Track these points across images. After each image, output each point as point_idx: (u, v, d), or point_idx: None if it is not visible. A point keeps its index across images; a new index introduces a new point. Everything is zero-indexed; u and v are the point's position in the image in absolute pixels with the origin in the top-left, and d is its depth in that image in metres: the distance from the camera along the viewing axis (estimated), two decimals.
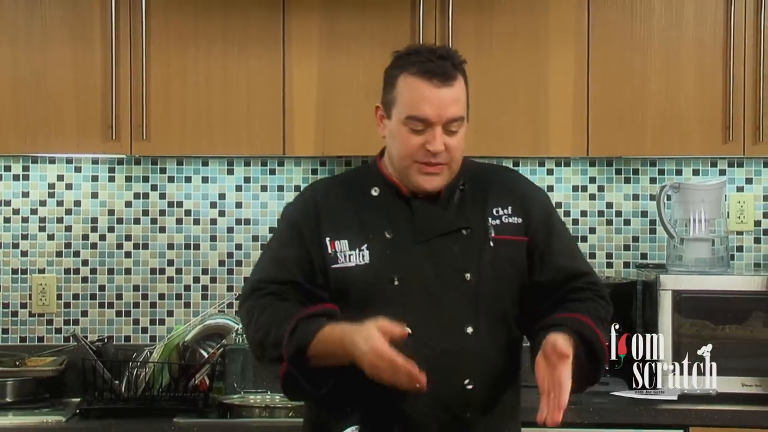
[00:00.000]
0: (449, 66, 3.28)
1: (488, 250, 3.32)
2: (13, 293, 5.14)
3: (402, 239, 3.32)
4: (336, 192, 3.44)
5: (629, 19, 4.81)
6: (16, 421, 4.55)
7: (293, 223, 3.39)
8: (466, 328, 3.27)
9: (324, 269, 3.30)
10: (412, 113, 3.24)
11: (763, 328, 4.73)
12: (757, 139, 4.78)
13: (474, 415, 3.28)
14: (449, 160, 3.28)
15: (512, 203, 3.38)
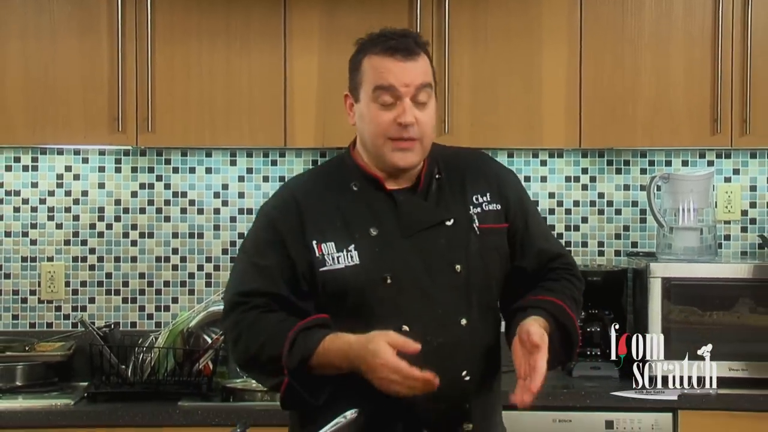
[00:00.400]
0: (411, 42, 3.21)
1: (474, 239, 3.26)
2: (22, 280, 5.15)
3: (388, 235, 3.22)
4: (316, 190, 3.30)
5: (620, 14, 4.82)
6: (26, 404, 4.56)
7: (273, 226, 3.25)
8: (460, 320, 3.22)
9: (311, 273, 3.19)
10: (378, 83, 3.16)
11: (749, 314, 4.75)
12: (744, 131, 4.80)
13: (472, 404, 3.25)
14: (421, 135, 3.18)
15: (489, 189, 3.33)
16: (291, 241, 3.19)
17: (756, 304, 4.76)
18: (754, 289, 4.77)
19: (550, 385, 4.67)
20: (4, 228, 5.15)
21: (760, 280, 4.77)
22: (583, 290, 3.41)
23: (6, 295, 5.15)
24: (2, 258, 5.15)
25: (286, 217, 3.22)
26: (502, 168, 3.46)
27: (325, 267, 3.17)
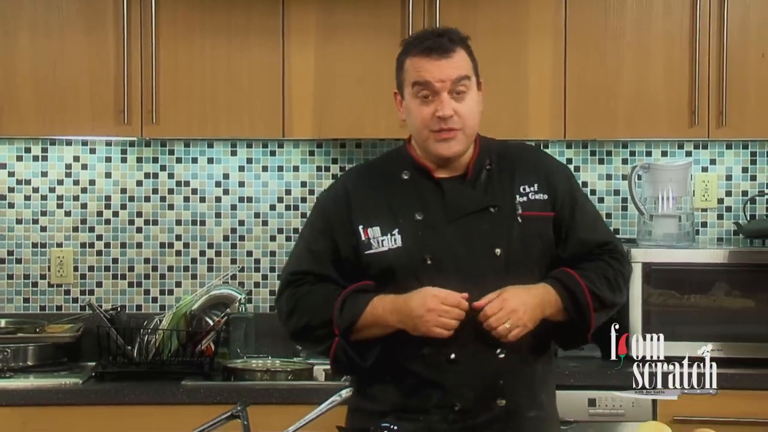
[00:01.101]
0: (446, 41, 3.26)
1: (516, 226, 3.27)
2: (33, 265, 5.15)
3: (433, 219, 3.27)
4: (367, 179, 3.39)
5: (603, 13, 4.83)
6: (37, 383, 4.56)
7: (325, 214, 3.36)
8: None
9: (355, 256, 3.27)
10: (416, 79, 3.23)
11: (725, 297, 4.78)
12: (720, 124, 4.81)
13: (506, 381, 3.25)
14: (462, 125, 3.23)
15: (538, 180, 3.33)
16: (338, 229, 3.29)
17: (731, 287, 4.78)
18: (730, 274, 4.78)
19: None
20: (15, 215, 5.14)
21: (735, 265, 4.79)
22: (627, 273, 3.40)
23: (17, 279, 5.15)
24: (14, 244, 5.14)
25: (335, 207, 3.33)
26: (556, 162, 3.50)
27: (370, 250, 3.25)
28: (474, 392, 3.23)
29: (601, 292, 3.27)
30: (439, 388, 3.23)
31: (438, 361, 3.22)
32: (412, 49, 3.28)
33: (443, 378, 3.22)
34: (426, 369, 3.23)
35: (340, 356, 3.25)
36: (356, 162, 5.14)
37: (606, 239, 3.39)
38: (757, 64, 4.82)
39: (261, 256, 5.18)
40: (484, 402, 3.23)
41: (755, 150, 5.19)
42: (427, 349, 3.22)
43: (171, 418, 4.27)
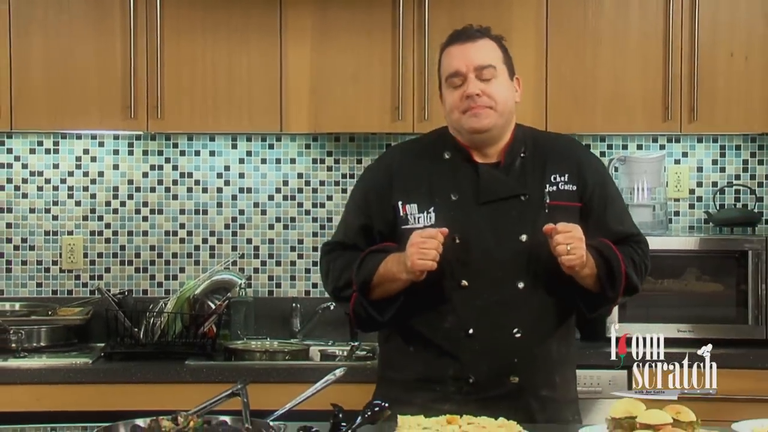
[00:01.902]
0: (473, 30, 3.34)
1: (543, 215, 3.27)
2: (45, 252, 5.16)
3: (466, 201, 3.30)
4: (411, 156, 3.43)
5: (582, 14, 4.84)
6: (49, 362, 4.57)
7: (366, 188, 3.44)
8: (517, 283, 3.27)
9: (391, 230, 3.32)
10: (447, 72, 3.30)
11: (695, 282, 4.79)
12: (692, 119, 4.82)
13: (521, 359, 3.27)
14: (492, 104, 3.25)
15: (569, 171, 3.34)
16: (375, 205, 3.37)
17: (701, 272, 4.80)
18: (700, 260, 4.80)
19: None
20: (28, 205, 5.15)
21: (705, 252, 4.81)
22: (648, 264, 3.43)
23: (30, 265, 5.16)
24: (27, 232, 5.16)
25: (377, 181, 3.40)
26: (589, 153, 3.52)
27: (407, 225, 3.30)
28: (488, 367, 3.26)
29: (629, 270, 3.31)
30: (456, 360, 3.28)
31: (457, 335, 3.26)
32: (445, 44, 3.38)
33: (460, 351, 3.27)
34: (445, 341, 3.28)
35: (359, 312, 3.34)
36: (350, 154, 5.17)
37: (632, 231, 3.41)
38: (726, 62, 4.84)
39: (260, 244, 5.20)
40: (497, 377, 3.26)
41: (724, 144, 5.21)
42: (448, 323, 3.27)
43: (175, 395, 4.28)
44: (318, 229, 5.16)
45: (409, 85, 4.81)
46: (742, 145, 5.21)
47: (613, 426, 3.03)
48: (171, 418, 2.93)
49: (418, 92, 4.79)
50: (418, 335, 3.33)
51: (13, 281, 5.17)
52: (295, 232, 5.19)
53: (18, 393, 4.44)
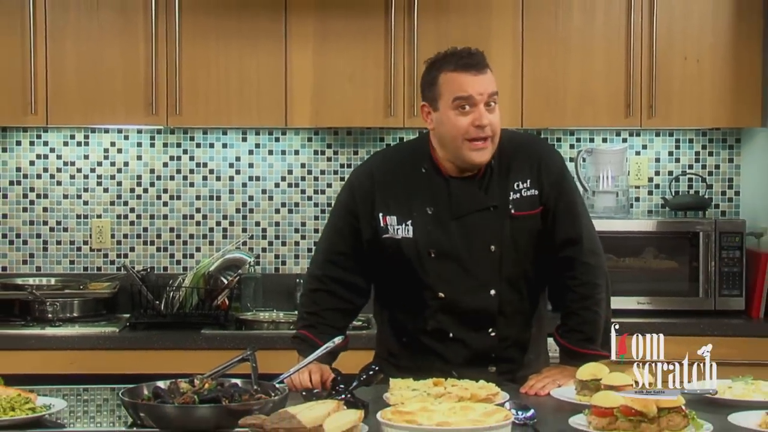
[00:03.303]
0: (479, 58, 3.19)
1: (508, 224, 3.22)
2: (77, 233, 5.16)
3: (441, 215, 3.23)
4: (391, 167, 3.31)
5: (554, 22, 4.83)
6: (81, 331, 4.60)
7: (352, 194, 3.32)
8: (490, 291, 3.24)
9: (374, 238, 3.26)
10: (458, 94, 3.12)
11: (653, 260, 4.81)
12: (650, 115, 4.83)
13: (497, 353, 3.29)
14: (493, 133, 3.16)
15: (530, 175, 3.24)
16: (362, 212, 3.28)
17: (658, 251, 4.81)
18: (657, 240, 4.82)
19: None
20: (62, 192, 5.15)
21: (661, 233, 4.83)
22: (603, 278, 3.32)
23: (64, 244, 5.16)
24: (61, 215, 5.16)
25: (362, 190, 3.29)
26: (548, 154, 3.35)
27: (387, 234, 3.25)
28: (468, 362, 3.26)
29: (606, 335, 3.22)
30: (440, 357, 3.28)
31: (439, 337, 3.27)
32: (446, 65, 3.18)
33: (444, 350, 3.28)
34: (430, 341, 3.28)
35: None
36: (347, 146, 5.17)
37: (578, 235, 3.28)
38: (681, 65, 4.84)
39: (267, 226, 5.20)
40: (477, 369, 3.23)
41: (679, 137, 5.21)
42: (430, 327, 3.27)
43: (192, 361, 4.29)
44: (319, 213, 5.17)
45: (400, 84, 4.81)
46: (695, 139, 5.22)
47: (581, 387, 3.04)
48: (188, 380, 2.94)
49: (408, 91, 4.79)
50: (407, 331, 3.33)
51: (49, 259, 5.17)
52: (298, 216, 5.20)
53: (53, 358, 4.47)
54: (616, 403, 2.70)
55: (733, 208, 5.22)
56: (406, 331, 3.33)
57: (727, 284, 4.75)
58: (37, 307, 4.74)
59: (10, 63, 4.76)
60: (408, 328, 3.32)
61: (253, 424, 2.66)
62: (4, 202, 5.16)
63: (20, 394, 2.89)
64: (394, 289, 3.33)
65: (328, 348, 3.21)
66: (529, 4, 4.83)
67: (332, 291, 3.35)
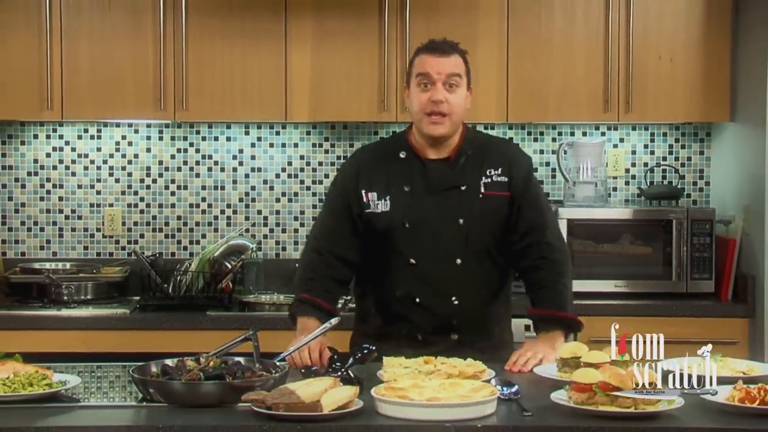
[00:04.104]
0: (446, 45, 3.35)
1: (478, 203, 3.33)
2: (90, 221, 5.16)
3: (417, 192, 3.34)
4: (374, 155, 3.47)
5: (537, 23, 4.83)
6: (95, 312, 4.61)
7: (342, 180, 3.45)
8: (456, 260, 3.32)
9: (360, 213, 3.36)
10: (419, 71, 3.30)
11: (629, 246, 4.80)
12: (627, 110, 4.82)
13: (459, 321, 3.35)
14: (450, 112, 3.27)
15: (502, 166, 3.36)
16: (350, 192, 3.39)
17: (635, 238, 4.81)
18: (633, 228, 4.82)
19: None
20: (76, 182, 5.15)
21: (637, 221, 4.83)
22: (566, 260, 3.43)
23: (78, 231, 5.16)
24: (75, 204, 5.15)
25: (349, 174, 3.42)
26: (521, 154, 3.51)
27: (369, 209, 3.36)
28: (432, 328, 3.33)
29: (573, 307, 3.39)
30: (407, 322, 3.34)
31: (407, 303, 3.33)
32: (421, 50, 3.37)
33: (410, 315, 3.34)
34: (399, 307, 3.34)
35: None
36: (344, 139, 5.17)
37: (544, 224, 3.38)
38: (655, 64, 4.84)
39: (268, 214, 5.19)
40: (440, 335, 3.33)
41: (654, 131, 5.21)
42: (399, 293, 3.34)
43: (198, 340, 4.27)
44: (317, 202, 5.16)
45: (393, 81, 4.81)
46: (668, 133, 5.22)
47: (562, 365, 3.05)
48: (194, 358, 2.95)
49: (400, 87, 4.77)
50: (378, 300, 3.40)
51: (65, 245, 5.17)
52: (297, 205, 5.19)
53: (68, 337, 4.47)
54: (594, 379, 2.71)
55: (703, 198, 5.22)
56: (378, 298, 3.41)
57: (697, 268, 4.76)
58: (54, 290, 4.75)
59: (28, 62, 4.76)
60: (380, 295, 3.40)
61: (255, 399, 2.66)
62: (23, 192, 5.15)
63: (38, 370, 2.90)
64: (371, 259, 3.41)
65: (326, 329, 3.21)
66: (513, 6, 4.82)
67: (327, 260, 3.41)
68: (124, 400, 2.92)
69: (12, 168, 5.15)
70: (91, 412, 2.78)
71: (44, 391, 2.83)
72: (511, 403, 2.79)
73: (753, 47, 4.71)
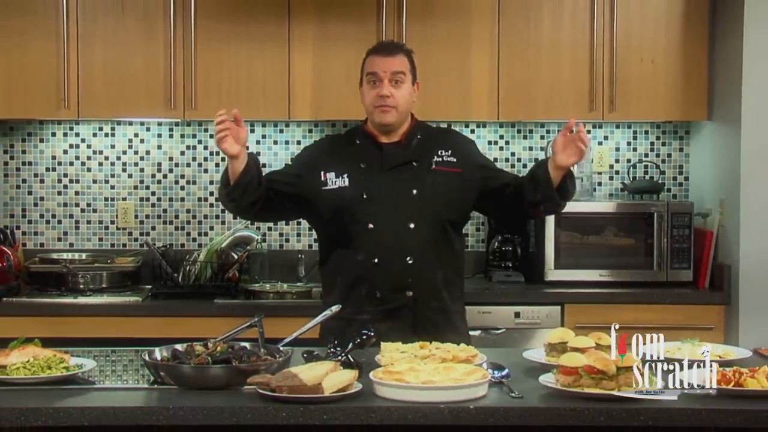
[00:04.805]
0: (392, 46, 3.62)
1: (430, 175, 3.50)
2: (104, 214, 5.16)
3: (372, 168, 3.50)
4: (334, 142, 3.72)
5: (526, 26, 4.83)
6: (109, 300, 4.61)
7: (303, 158, 3.66)
8: (409, 224, 3.46)
9: (314, 190, 3.49)
10: (368, 70, 3.51)
11: (613, 237, 4.81)
12: (611, 110, 4.83)
13: (413, 279, 3.46)
14: (396, 104, 3.48)
15: (452, 149, 3.55)
16: (308, 170, 3.54)
17: (618, 230, 4.81)
18: (617, 220, 4.83)
19: (475, 287, 4.76)
20: (92, 177, 5.15)
21: (620, 214, 4.84)
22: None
23: (93, 224, 5.16)
24: (91, 198, 5.15)
25: (310, 158, 3.62)
26: (465, 138, 3.77)
27: (326, 187, 3.50)
28: (390, 285, 3.46)
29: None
30: (367, 282, 3.47)
31: (366, 264, 3.47)
32: (370, 52, 3.58)
33: (370, 275, 3.47)
34: (359, 269, 3.48)
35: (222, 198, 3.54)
36: None
37: (512, 175, 3.68)
38: (637, 66, 4.84)
39: None
40: (397, 292, 3.46)
41: (636, 129, 5.21)
42: (360, 256, 3.48)
43: (206, 326, 4.26)
44: None
45: None
46: (650, 131, 5.22)
47: (550, 349, 3.06)
48: (203, 343, 2.95)
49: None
50: (340, 265, 3.53)
51: (81, 236, 5.17)
52: None
53: (84, 323, 4.47)
54: (580, 363, 2.71)
55: (682, 192, 5.22)
56: (341, 264, 3.52)
57: (677, 259, 4.76)
58: (71, 279, 4.75)
59: (46, 64, 4.75)
60: (343, 260, 3.51)
61: (260, 382, 2.67)
62: (41, 187, 5.15)
63: (56, 354, 2.91)
64: (334, 232, 3.54)
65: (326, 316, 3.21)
66: (504, 11, 4.82)
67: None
68: (137, 382, 2.92)
69: (31, 164, 5.15)
70: (105, 393, 2.79)
71: (62, 374, 2.84)
72: (501, 386, 2.79)
73: (729, 51, 4.71)
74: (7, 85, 4.77)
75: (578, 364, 2.71)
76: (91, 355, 3.13)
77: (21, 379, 2.80)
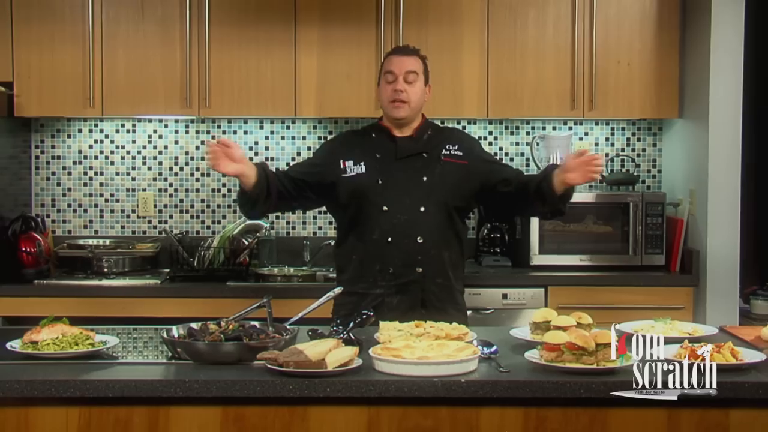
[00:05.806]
0: (408, 49, 3.69)
1: (439, 165, 3.58)
2: (126, 203, 5.15)
3: (386, 158, 3.57)
4: (352, 136, 3.78)
5: (513, 32, 4.81)
6: (131, 282, 4.60)
7: (325, 149, 3.71)
8: (419, 207, 3.53)
9: (333, 179, 3.55)
10: (385, 69, 3.61)
11: (592, 225, 4.79)
12: (591, 108, 4.81)
13: (422, 257, 3.52)
14: (408, 100, 3.56)
15: (458, 144, 3.63)
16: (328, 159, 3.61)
17: (597, 218, 4.80)
18: (596, 209, 4.81)
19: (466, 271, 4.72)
20: (115, 170, 5.14)
21: (599, 203, 4.82)
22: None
23: (116, 212, 5.15)
24: (114, 189, 5.15)
25: (331, 149, 3.69)
26: (471, 138, 3.86)
27: (346, 174, 3.58)
28: (401, 262, 3.52)
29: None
30: (380, 259, 3.52)
31: (381, 243, 3.53)
32: (389, 53, 3.71)
33: (383, 253, 3.53)
34: (373, 248, 3.53)
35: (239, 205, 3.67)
36: None
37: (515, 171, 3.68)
38: (615, 68, 4.82)
39: None
40: (407, 268, 3.52)
41: (614, 126, 5.20)
42: (375, 235, 3.53)
43: (219, 307, 4.27)
44: None
45: None
46: (626, 127, 5.21)
47: (534, 327, 3.07)
48: (216, 322, 2.96)
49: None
50: (356, 244, 3.57)
51: (105, 224, 5.16)
52: None
53: (107, 304, 4.47)
54: (562, 340, 2.72)
55: (656, 183, 5.22)
56: (357, 246, 3.56)
57: (650, 244, 4.76)
58: (95, 263, 4.76)
59: (73, 66, 4.75)
60: (358, 243, 3.56)
61: (268, 357, 2.67)
62: (69, 179, 5.14)
63: (82, 332, 2.93)
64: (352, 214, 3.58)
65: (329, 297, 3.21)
66: (493, 17, 4.80)
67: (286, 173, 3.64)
68: (156, 357, 2.92)
69: (60, 158, 5.14)
70: (127, 367, 2.80)
71: (88, 350, 2.86)
72: (490, 361, 2.80)
73: (698, 54, 4.71)
74: (38, 85, 4.76)
75: (560, 341, 2.72)
76: (114, 332, 3.14)
77: (51, 354, 2.82)
